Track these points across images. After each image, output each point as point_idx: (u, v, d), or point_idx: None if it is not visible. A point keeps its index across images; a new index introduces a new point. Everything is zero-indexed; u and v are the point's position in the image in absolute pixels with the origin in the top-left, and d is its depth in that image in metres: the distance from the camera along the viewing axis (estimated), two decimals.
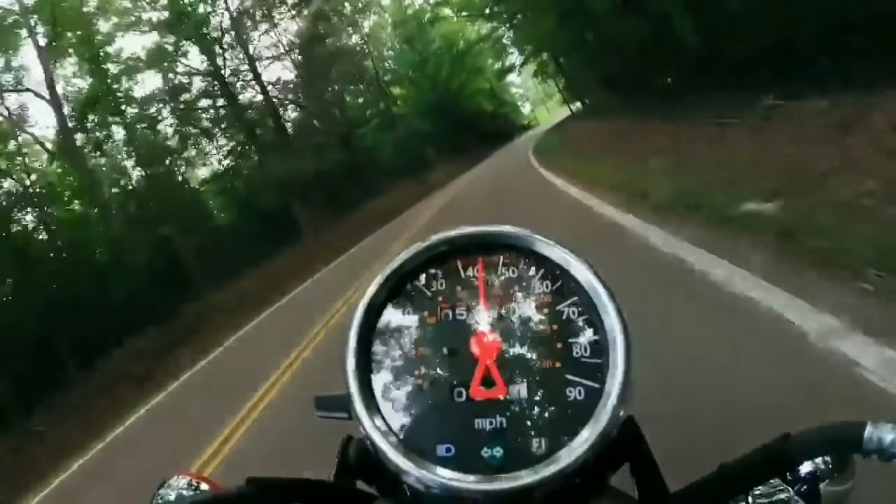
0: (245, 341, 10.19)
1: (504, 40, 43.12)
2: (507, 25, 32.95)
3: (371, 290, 0.48)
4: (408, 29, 35.75)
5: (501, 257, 0.50)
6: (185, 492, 0.54)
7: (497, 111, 54.32)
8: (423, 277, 0.49)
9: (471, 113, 44.44)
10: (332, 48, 31.30)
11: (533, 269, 0.49)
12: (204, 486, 0.55)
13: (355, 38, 34.79)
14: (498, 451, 0.41)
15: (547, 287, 0.48)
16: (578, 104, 43.21)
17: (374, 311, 0.48)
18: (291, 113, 30.06)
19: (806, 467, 0.43)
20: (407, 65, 42.42)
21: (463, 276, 0.49)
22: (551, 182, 10.71)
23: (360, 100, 36.06)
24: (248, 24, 25.32)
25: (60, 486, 6.66)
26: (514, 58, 44.91)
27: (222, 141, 24.42)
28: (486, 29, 37.37)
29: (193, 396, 8.07)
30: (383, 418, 0.43)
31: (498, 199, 11.18)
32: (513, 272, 0.49)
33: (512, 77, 64.76)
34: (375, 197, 27.71)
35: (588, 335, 0.45)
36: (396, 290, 0.49)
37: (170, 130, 24.25)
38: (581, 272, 0.47)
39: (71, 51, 20.78)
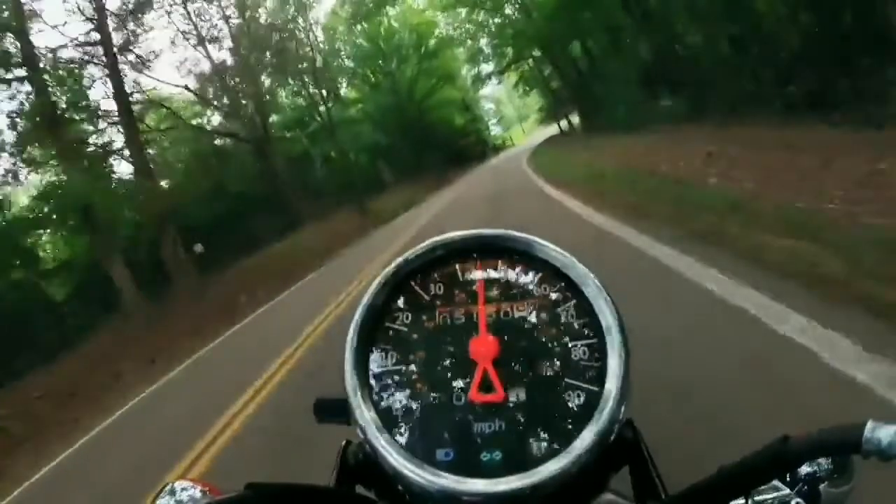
0: None
1: (481, 41, 36.15)
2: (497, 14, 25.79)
3: (370, 293, 0.48)
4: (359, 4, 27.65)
5: (500, 261, 0.49)
6: (184, 497, 0.52)
7: (468, 127, 46.88)
8: (422, 281, 0.49)
9: (438, 125, 36.68)
10: (260, 21, 23.03)
11: (531, 272, 0.48)
12: (204, 492, 0.52)
13: (294, 17, 26.27)
14: (497, 455, 0.41)
15: (545, 290, 0.47)
16: (564, 122, 36.39)
17: (373, 314, 0.47)
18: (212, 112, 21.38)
19: (806, 468, 0.42)
20: (363, 59, 34.43)
21: (462, 279, 0.49)
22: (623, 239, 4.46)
23: (302, 101, 27.61)
24: None
25: None
26: (492, 66, 38.04)
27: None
28: (466, 22, 30.01)
29: None
30: (382, 423, 0.43)
31: None
32: (511, 276, 0.48)
33: (484, 90, 58.34)
34: (295, 230, 19.39)
35: (586, 339, 0.44)
36: (395, 293, 0.48)
37: None
38: (579, 276, 0.46)
39: None
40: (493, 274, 0.48)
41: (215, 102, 20.58)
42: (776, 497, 0.42)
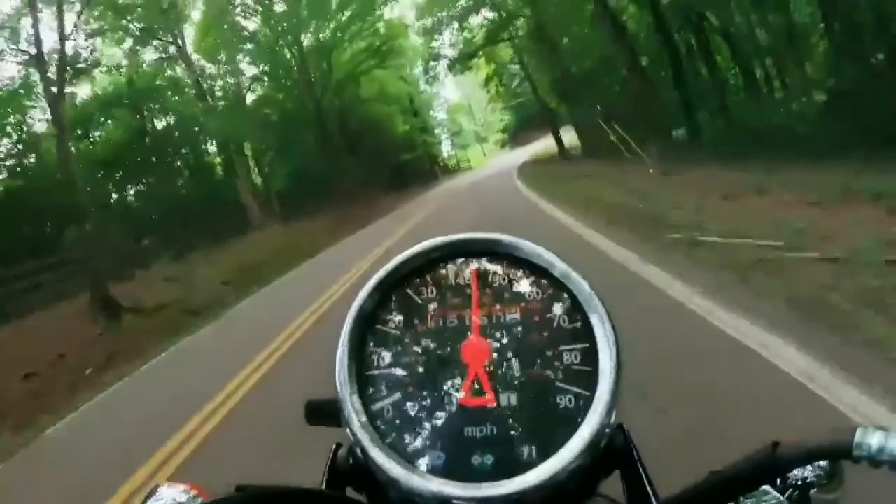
0: None
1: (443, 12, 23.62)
2: None
3: (362, 296, 0.48)
4: None
5: (493, 264, 0.50)
6: (175, 500, 0.51)
7: (414, 137, 33.93)
8: (415, 284, 0.49)
9: (365, 124, 23.33)
10: None
11: (525, 276, 0.49)
12: (194, 494, 0.52)
13: None
14: (488, 459, 0.41)
15: (538, 295, 0.47)
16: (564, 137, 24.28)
17: (365, 317, 0.47)
18: None
19: (796, 474, 0.43)
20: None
21: (454, 282, 0.49)
22: None
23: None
24: None
25: None
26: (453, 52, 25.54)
27: None
28: None
29: None
30: (373, 426, 0.43)
31: None
32: (504, 280, 0.49)
33: (441, 92, 45.96)
34: None
35: (578, 343, 0.45)
36: (388, 296, 0.49)
37: None
38: (572, 280, 0.47)
39: None
40: (486, 277, 0.48)
41: None
42: (766, 502, 0.42)
